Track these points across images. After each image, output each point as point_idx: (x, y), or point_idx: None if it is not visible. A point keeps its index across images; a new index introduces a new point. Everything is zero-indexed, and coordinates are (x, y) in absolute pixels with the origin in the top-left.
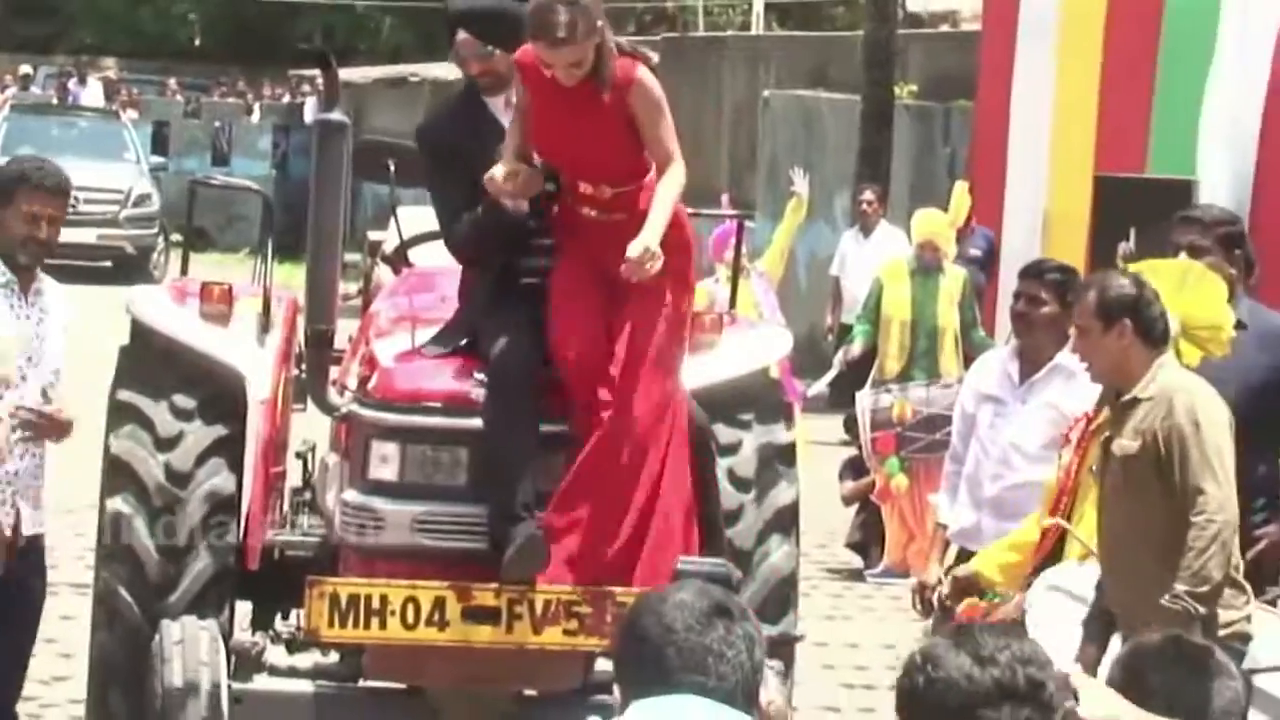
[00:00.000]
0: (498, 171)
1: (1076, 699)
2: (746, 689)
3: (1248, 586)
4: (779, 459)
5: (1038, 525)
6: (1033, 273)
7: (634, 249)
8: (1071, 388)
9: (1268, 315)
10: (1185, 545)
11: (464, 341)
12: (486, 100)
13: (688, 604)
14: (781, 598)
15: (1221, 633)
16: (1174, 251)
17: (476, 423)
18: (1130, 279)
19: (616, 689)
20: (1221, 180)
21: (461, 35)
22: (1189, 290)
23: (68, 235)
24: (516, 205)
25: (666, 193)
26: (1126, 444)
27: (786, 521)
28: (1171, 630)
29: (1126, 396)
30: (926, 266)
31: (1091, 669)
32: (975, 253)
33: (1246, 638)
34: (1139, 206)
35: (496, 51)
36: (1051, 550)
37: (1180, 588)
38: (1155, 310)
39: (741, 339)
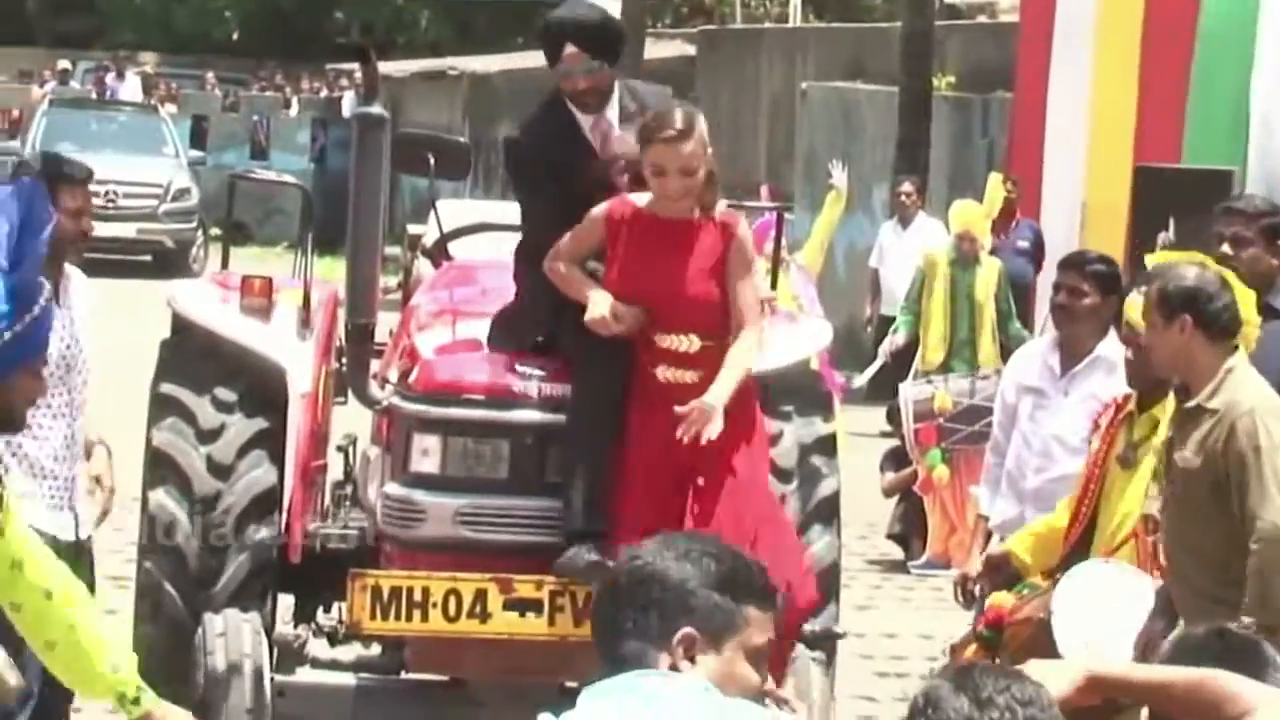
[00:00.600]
0: (604, 309)
1: None
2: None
3: None
4: (820, 450)
5: (1067, 511)
6: (1073, 264)
7: (695, 404)
8: (1113, 380)
9: None
10: (1247, 570)
11: (538, 339)
12: (577, 115)
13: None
14: (824, 589)
15: None
16: (1217, 242)
17: (518, 415)
18: (1195, 270)
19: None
20: (1262, 171)
21: (570, 49)
22: None
23: (107, 230)
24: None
25: (740, 354)
26: (1189, 458)
27: (827, 512)
28: (1217, 622)
29: (1192, 403)
30: (964, 257)
31: (1157, 641)
32: (1022, 244)
33: None
34: (1178, 197)
35: (604, 66)
36: (1080, 537)
37: (1247, 620)
38: (1219, 303)
39: (781, 331)
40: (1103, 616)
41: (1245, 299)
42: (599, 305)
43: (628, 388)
